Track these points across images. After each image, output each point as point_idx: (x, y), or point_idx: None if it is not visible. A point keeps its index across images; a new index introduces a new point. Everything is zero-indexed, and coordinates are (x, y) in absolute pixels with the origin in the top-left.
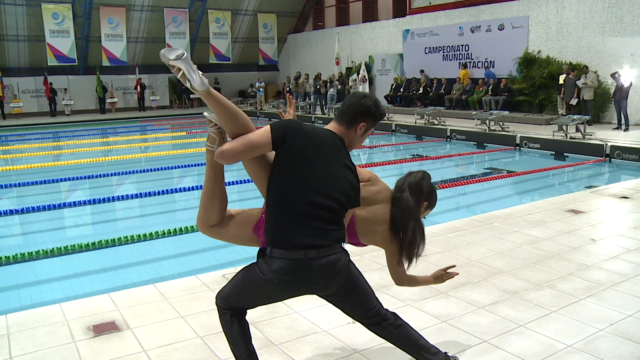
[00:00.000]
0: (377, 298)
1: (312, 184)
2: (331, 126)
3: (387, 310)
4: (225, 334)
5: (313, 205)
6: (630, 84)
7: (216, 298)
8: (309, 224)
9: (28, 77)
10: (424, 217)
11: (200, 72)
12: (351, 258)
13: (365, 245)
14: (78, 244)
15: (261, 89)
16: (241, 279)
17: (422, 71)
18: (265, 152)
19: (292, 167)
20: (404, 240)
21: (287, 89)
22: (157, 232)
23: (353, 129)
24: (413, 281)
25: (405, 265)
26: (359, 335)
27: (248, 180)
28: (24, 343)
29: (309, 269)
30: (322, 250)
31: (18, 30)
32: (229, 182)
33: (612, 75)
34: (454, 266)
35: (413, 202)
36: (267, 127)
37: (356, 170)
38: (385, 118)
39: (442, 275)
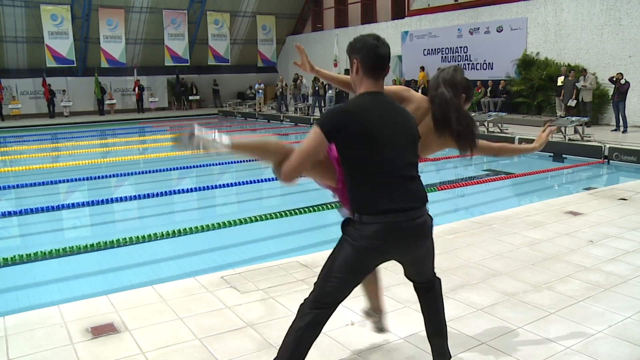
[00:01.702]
0: None
1: (388, 155)
2: (369, 86)
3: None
4: (286, 348)
5: (394, 173)
6: (629, 86)
7: (301, 310)
8: (394, 189)
9: (27, 79)
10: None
11: (217, 131)
12: None
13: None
14: (76, 246)
15: (260, 91)
16: (330, 263)
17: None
18: (323, 150)
19: (362, 146)
20: (454, 133)
21: (280, 90)
22: (156, 233)
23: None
24: (508, 149)
25: (471, 150)
26: (358, 337)
27: (246, 182)
28: (22, 345)
29: (401, 230)
30: (411, 212)
31: (17, 32)
32: (228, 184)
33: (611, 80)
34: (552, 126)
35: (450, 94)
36: (314, 128)
37: (411, 117)
38: None
39: (545, 137)
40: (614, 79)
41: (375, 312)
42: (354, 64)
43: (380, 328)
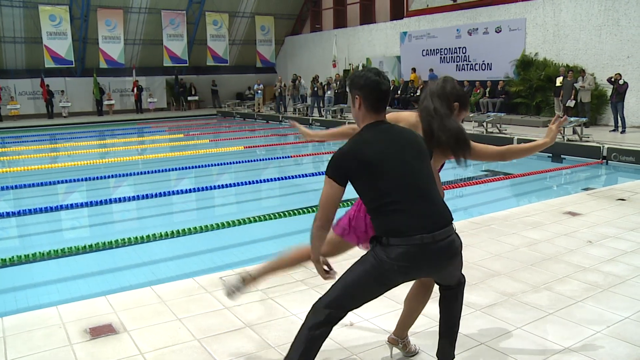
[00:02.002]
0: None
1: (399, 178)
2: (371, 120)
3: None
4: (298, 346)
5: (411, 194)
6: (627, 87)
7: (315, 308)
8: (415, 210)
9: (25, 79)
10: (462, 121)
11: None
12: (348, 260)
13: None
14: (75, 246)
15: (259, 91)
16: (353, 273)
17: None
18: (340, 195)
19: (371, 178)
20: (439, 144)
21: (279, 91)
22: (155, 234)
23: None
24: (516, 151)
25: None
26: (356, 337)
27: (245, 182)
28: (20, 346)
29: (429, 252)
30: (437, 233)
31: (15, 32)
32: (227, 185)
33: (609, 80)
34: (561, 118)
35: (435, 105)
36: (325, 178)
37: (417, 135)
38: None
39: (555, 129)
40: (612, 79)
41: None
42: (356, 99)
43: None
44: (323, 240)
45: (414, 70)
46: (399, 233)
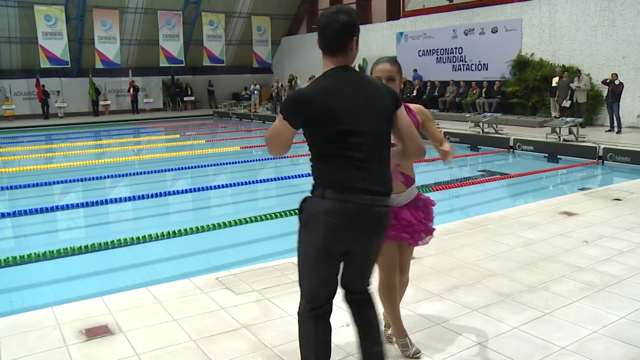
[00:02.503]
0: None
1: (352, 132)
2: (332, 62)
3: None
4: (305, 345)
5: (361, 151)
6: (623, 87)
7: (300, 313)
8: (361, 168)
9: (20, 79)
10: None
11: None
12: None
13: None
14: (71, 247)
15: (256, 92)
16: (299, 259)
17: (415, 70)
18: (288, 132)
19: (323, 126)
20: None
21: (276, 91)
22: (151, 234)
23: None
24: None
25: None
26: (353, 337)
27: (241, 183)
28: (15, 348)
29: (364, 213)
30: (378, 198)
31: (10, 32)
32: (223, 185)
33: (604, 82)
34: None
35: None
36: (278, 116)
37: (383, 92)
38: None
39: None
40: (608, 80)
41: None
42: (318, 42)
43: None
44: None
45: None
46: (338, 187)
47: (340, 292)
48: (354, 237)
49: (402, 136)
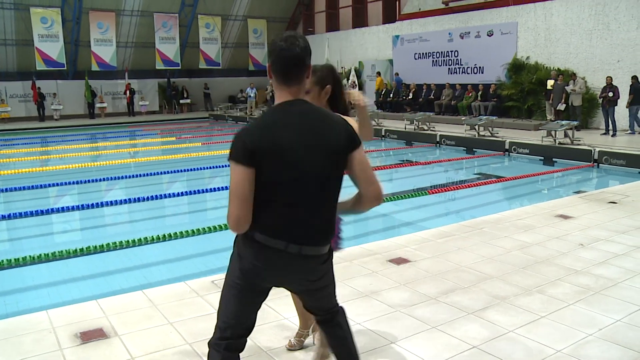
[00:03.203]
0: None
1: (293, 176)
2: (284, 95)
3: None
4: None
5: (299, 198)
6: (619, 95)
7: (211, 345)
8: (298, 216)
9: (16, 82)
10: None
11: None
12: (340, 264)
13: None
14: (66, 250)
15: (252, 95)
16: (223, 287)
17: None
18: (251, 181)
19: (268, 166)
20: None
21: (270, 94)
22: (146, 237)
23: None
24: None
25: None
26: None
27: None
28: (10, 351)
29: (283, 260)
30: (305, 247)
31: (6, 34)
32: (219, 188)
33: (603, 95)
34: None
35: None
36: (230, 163)
37: (335, 129)
38: (375, 123)
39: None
40: (607, 90)
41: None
42: (269, 70)
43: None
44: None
45: (378, 74)
46: (266, 230)
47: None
48: (282, 279)
49: (356, 181)
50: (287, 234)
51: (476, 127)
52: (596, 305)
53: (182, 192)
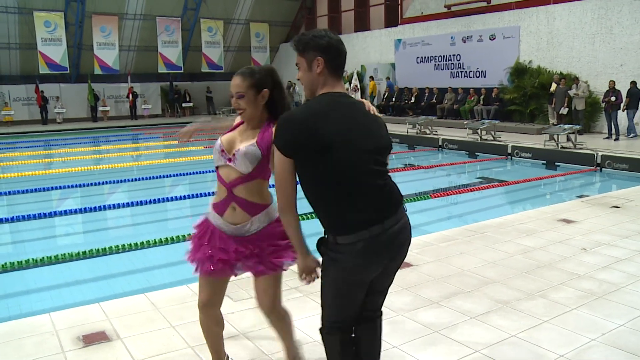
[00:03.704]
0: None
1: (351, 164)
2: (333, 86)
3: None
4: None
5: (361, 182)
6: (622, 99)
7: (324, 332)
8: (363, 200)
9: (19, 85)
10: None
11: None
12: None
13: None
14: (68, 253)
15: None
16: (323, 287)
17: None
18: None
19: (322, 158)
20: None
21: None
22: (149, 241)
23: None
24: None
25: None
26: None
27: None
28: (12, 354)
29: (380, 244)
30: (387, 221)
31: (10, 38)
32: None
33: (606, 100)
34: None
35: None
36: (275, 150)
37: (380, 122)
38: None
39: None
40: (610, 95)
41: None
42: (316, 62)
43: None
44: (292, 226)
45: (371, 78)
46: (347, 229)
47: None
48: (382, 264)
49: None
50: (365, 218)
51: (478, 131)
52: (599, 310)
53: (184, 196)
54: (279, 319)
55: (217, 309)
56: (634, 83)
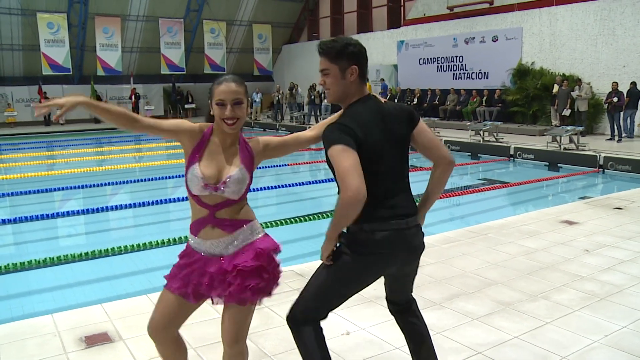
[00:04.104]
0: None
1: (387, 162)
2: (363, 91)
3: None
4: (305, 354)
5: (393, 180)
6: (624, 102)
7: (289, 318)
8: (394, 197)
9: (22, 86)
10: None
11: None
12: None
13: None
14: (71, 254)
15: (257, 100)
16: (327, 277)
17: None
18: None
19: (366, 157)
20: None
21: (277, 99)
22: (151, 242)
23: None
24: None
25: None
26: (353, 346)
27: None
28: (14, 355)
29: (406, 237)
30: (410, 219)
31: (13, 40)
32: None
33: (608, 101)
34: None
35: None
36: (342, 147)
37: (402, 119)
38: None
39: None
40: (613, 96)
41: None
42: (350, 70)
43: None
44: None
45: (367, 79)
46: (378, 219)
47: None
48: (400, 260)
49: (425, 151)
50: (395, 213)
51: (481, 132)
52: (602, 311)
53: (186, 197)
54: (239, 356)
55: (175, 331)
56: (633, 83)
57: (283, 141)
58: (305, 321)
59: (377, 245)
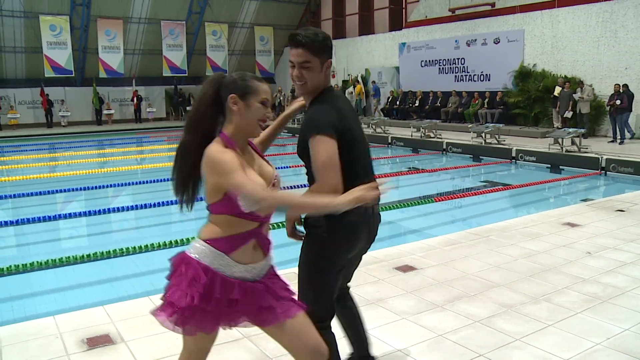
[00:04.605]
0: None
1: (362, 150)
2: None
3: None
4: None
5: (365, 167)
6: (626, 104)
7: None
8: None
9: (25, 89)
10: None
11: None
12: None
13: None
14: (73, 256)
15: None
16: (308, 272)
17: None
18: None
19: (348, 144)
20: None
21: (279, 100)
22: (153, 244)
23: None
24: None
25: None
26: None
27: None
28: (16, 356)
29: (370, 223)
30: (376, 207)
31: (15, 42)
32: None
33: (611, 103)
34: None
35: None
36: (323, 137)
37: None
38: (381, 131)
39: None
40: (612, 102)
41: None
42: (327, 63)
43: None
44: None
45: (358, 82)
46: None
47: None
48: (364, 244)
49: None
50: None
51: (483, 134)
52: (604, 314)
53: None
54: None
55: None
56: (626, 86)
57: (265, 136)
58: (328, 322)
59: (349, 230)
